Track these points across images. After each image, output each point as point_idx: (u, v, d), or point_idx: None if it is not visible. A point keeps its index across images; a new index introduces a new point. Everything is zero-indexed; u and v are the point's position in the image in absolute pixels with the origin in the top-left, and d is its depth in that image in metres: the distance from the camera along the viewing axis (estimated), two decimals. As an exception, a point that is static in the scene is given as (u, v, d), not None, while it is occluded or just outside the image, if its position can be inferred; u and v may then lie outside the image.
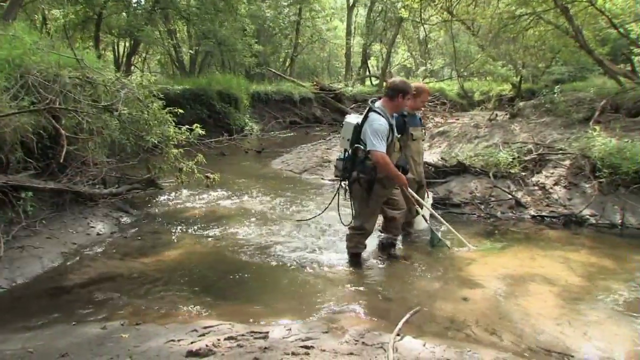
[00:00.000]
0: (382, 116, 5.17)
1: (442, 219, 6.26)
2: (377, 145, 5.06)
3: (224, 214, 7.74)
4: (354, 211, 5.71)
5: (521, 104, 15.24)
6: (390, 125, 5.22)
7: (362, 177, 5.33)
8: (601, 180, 7.67)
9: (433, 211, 6.39)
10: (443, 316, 4.37)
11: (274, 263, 5.70)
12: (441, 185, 8.55)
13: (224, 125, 16.84)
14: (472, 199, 8.04)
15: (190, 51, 22.88)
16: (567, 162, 8.62)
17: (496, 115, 14.14)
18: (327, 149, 13.57)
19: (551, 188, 8.16)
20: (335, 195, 5.92)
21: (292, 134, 18.77)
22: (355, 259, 5.70)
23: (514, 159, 8.76)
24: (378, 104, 5.33)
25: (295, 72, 30.48)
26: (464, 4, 17.21)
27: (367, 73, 32.35)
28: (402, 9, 19.41)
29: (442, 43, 28.23)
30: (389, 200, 5.73)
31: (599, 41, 17.72)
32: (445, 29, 21.98)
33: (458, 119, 14.63)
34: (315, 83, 23.18)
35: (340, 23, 37.35)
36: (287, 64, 30.50)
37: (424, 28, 27.44)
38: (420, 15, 20.36)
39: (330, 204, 6.27)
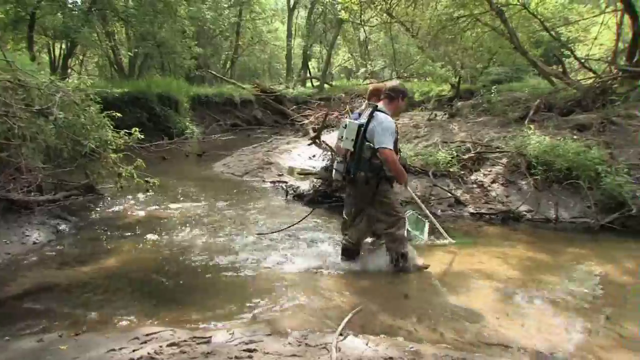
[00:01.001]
0: (389, 116, 5.25)
1: (428, 214, 6.30)
2: (388, 143, 5.10)
3: (164, 219, 7.61)
4: (352, 214, 5.63)
5: (459, 104, 15.61)
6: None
7: (370, 175, 5.28)
8: (536, 177, 7.94)
9: (425, 208, 6.37)
10: (385, 314, 4.42)
11: (216, 267, 5.63)
12: (382, 185, 8.60)
13: (164, 128, 16.54)
14: (412, 198, 8.12)
15: (130, 53, 22.40)
16: (504, 160, 8.89)
17: (435, 115, 14.42)
18: (268, 151, 13.55)
19: (489, 186, 8.39)
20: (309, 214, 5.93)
21: (233, 136, 18.65)
22: (405, 260, 5.46)
23: (452, 158, 8.97)
24: (380, 105, 5.36)
25: (236, 74, 30.29)
26: (403, 6, 17.47)
27: (308, 75, 32.41)
28: (342, 11, 19.55)
29: (383, 44, 28.53)
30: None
31: (533, 43, 18.35)
32: (385, 30, 22.24)
33: (398, 120, 14.78)
34: (256, 85, 23.09)
35: (281, 25, 37.36)
36: (228, 66, 30.29)
37: (364, 30, 27.72)
38: (361, 17, 20.55)
39: (302, 220, 6.57)
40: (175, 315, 4.41)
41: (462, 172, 8.79)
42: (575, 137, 9.01)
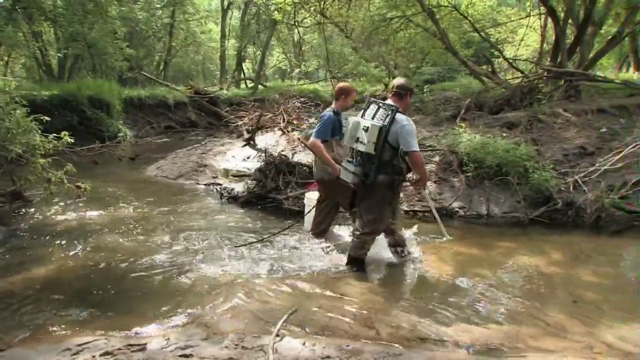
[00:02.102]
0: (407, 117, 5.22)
1: (434, 211, 6.10)
2: (416, 146, 5.09)
3: (97, 225, 7.36)
4: (366, 215, 5.49)
5: (392, 103, 15.75)
6: None
7: (397, 178, 5.28)
8: (468, 174, 8.14)
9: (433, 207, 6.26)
10: (322, 314, 4.43)
11: (151, 272, 5.51)
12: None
13: (96, 132, 16.01)
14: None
15: (59, 54, 21.63)
16: (437, 158, 9.09)
17: (369, 115, 14.52)
18: (203, 153, 13.35)
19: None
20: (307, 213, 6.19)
21: (167, 139, 18.29)
22: (360, 265, 5.58)
23: (385, 156, 9.04)
24: (389, 102, 5.32)
25: (169, 76, 29.76)
26: (336, 7, 17.60)
27: (242, 76, 32.20)
28: (276, 12, 19.52)
29: (317, 45, 28.66)
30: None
31: (464, 44, 18.87)
32: (319, 31, 22.35)
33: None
34: (189, 87, 22.73)
35: (214, 26, 36.92)
36: (161, 67, 29.74)
37: (298, 30, 27.75)
38: (294, 17, 20.58)
39: (290, 226, 6.62)
40: (110, 322, 4.29)
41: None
42: (504, 134, 9.32)
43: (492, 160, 8.02)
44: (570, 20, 15.13)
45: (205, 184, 10.27)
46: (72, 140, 7.57)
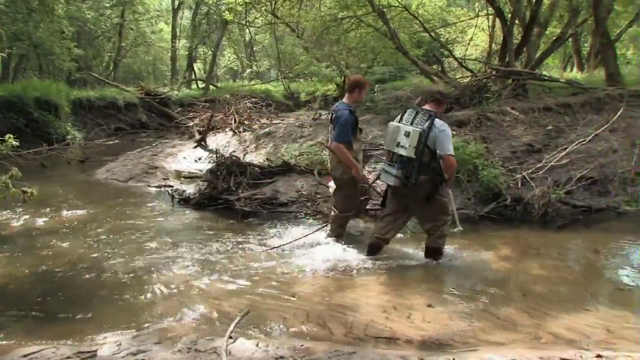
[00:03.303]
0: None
1: (454, 205, 6.09)
2: (452, 150, 5.39)
3: (44, 230, 7.16)
4: (435, 215, 5.73)
5: (344, 103, 15.82)
6: None
7: (437, 178, 5.52)
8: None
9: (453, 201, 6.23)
10: (275, 315, 4.43)
11: (102, 277, 5.38)
12: (268, 185, 8.63)
13: (43, 134, 15.58)
14: (299, 197, 8.22)
15: (2, 54, 20.93)
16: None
17: (320, 114, 14.60)
18: (154, 155, 13.18)
19: (374, 182, 8.57)
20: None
21: (117, 141, 17.95)
22: (439, 253, 5.84)
23: (337, 156, 9.08)
24: (427, 108, 5.56)
25: (119, 77, 29.20)
26: (287, 7, 17.58)
27: (193, 76, 31.83)
28: (227, 12, 19.38)
29: (268, 45, 28.58)
30: None
31: (414, 43, 19.07)
32: (271, 31, 22.31)
33: (283, 120, 14.90)
34: (140, 88, 22.35)
35: (165, 26, 36.40)
36: (111, 68, 29.16)
37: (250, 31, 27.64)
38: (246, 17, 20.48)
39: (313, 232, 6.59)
40: (58, 330, 4.16)
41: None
42: (454, 132, 9.44)
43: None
44: (517, 21, 15.49)
45: (156, 186, 10.13)
46: (18, 143, 7.33)
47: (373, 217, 7.67)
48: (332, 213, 6.49)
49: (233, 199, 8.06)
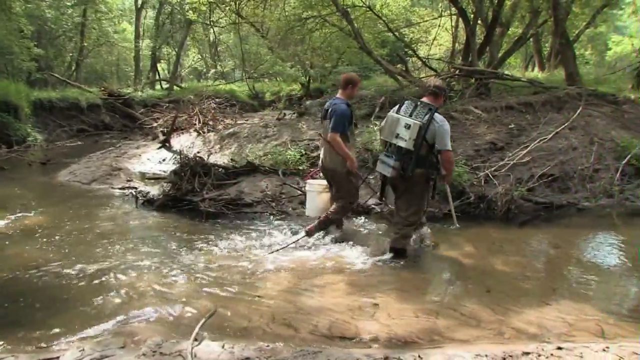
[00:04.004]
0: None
1: (451, 203, 6.30)
2: (450, 145, 5.52)
3: (4, 234, 6.94)
4: (409, 208, 5.85)
5: (308, 102, 15.92)
6: None
7: (432, 172, 5.72)
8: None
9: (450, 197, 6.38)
10: (240, 316, 4.40)
11: (63, 281, 5.26)
12: (232, 186, 8.59)
13: (2, 136, 15.26)
14: (264, 197, 8.20)
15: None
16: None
17: (284, 114, 14.60)
18: (117, 156, 13.00)
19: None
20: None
21: (80, 142, 17.65)
22: (404, 255, 5.89)
23: (301, 156, 9.14)
24: (426, 101, 5.67)
25: (82, 77, 28.64)
26: (252, 7, 17.52)
27: (157, 77, 31.50)
28: (190, 12, 19.23)
29: (232, 45, 28.44)
30: None
31: (379, 43, 19.18)
32: (235, 31, 22.20)
33: (248, 120, 14.84)
34: (103, 88, 22.01)
35: (128, 25, 35.89)
36: (73, 68, 28.63)
37: (214, 30, 27.46)
38: (210, 17, 20.34)
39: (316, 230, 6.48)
40: (20, 337, 4.05)
41: (312, 170, 8.96)
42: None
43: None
44: (479, 21, 15.72)
45: (120, 188, 9.98)
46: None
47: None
48: (335, 205, 6.48)
49: (197, 200, 8.00)
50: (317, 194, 6.85)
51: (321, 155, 6.62)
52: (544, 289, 5.24)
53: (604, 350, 3.34)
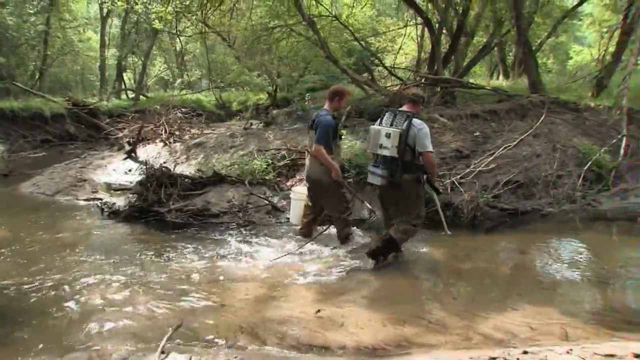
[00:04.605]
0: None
1: (440, 209, 6.47)
2: (430, 147, 5.78)
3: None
4: (411, 211, 5.97)
5: (275, 112, 15.92)
6: None
7: (420, 175, 5.91)
8: (349, 180, 8.29)
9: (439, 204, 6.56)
10: (207, 327, 4.37)
11: (25, 296, 5.13)
12: (199, 196, 8.52)
13: (-39, 147, 14.99)
14: (230, 207, 8.16)
15: None
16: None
17: (251, 124, 14.58)
18: (82, 167, 12.79)
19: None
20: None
21: (44, 153, 17.33)
22: (397, 247, 6.04)
23: (268, 165, 9.13)
24: (404, 109, 5.98)
25: (45, 87, 28.01)
26: (218, 16, 17.46)
27: (123, 86, 31.11)
28: (156, 21, 19.08)
29: (199, 55, 28.28)
30: None
31: (345, 52, 19.25)
32: (201, 40, 22.11)
33: (215, 130, 14.78)
34: (67, 98, 21.65)
35: (94, 34, 35.40)
36: (36, 77, 28.08)
37: (180, 40, 27.29)
38: (176, 27, 20.22)
39: (312, 239, 6.69)
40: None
41: (279, 179, 9.02)
42: (384, 140, 9.60)
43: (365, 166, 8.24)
44: (445, 31, 15.95)
45: (85, 200, 9.83)
46: None
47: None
48: (333, 219, 6.67)
49: (164, 211, 7.92)
50: (300, 202, 7.00)
51: (306, 166, 6.70)
52: (510, 294, 5.29)
53: (567, 352, 3.40)
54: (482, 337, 4.11)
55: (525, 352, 3.50)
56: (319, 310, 4.65)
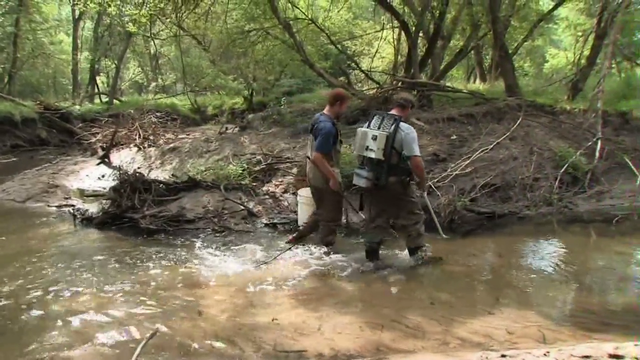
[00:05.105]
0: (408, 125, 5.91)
1: (433, 213, 6.78)
2: (418, 151, 5.79)
3: None
4: (405, 213, 6.10)
5: (250, 116, 15.91)
6: None
7: (404, 178, 5.96)
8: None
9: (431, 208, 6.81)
10: (182, 335, 4.34)
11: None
12: (174, 202, 8.46)
13: None
14: (206, 213, 8.12)
15: None
16: (295, 170, 9.22)
17: (226, 128, 14.54)
18: (54, 173, 12.66)
19: (281, 195, 8.66)
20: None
21: (14, 158, 17.08)
22: (421, 251, 6.17)
23: (244, 170, 9.12)
24: (393, 113, 5.99)
25: (15, 90, 27.57)
26: (193, 19, 17.40)
27: (97, 90, 30.81)
28: (130, 24, 18.94)
29: (174, 58, 28.10)
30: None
31: (322, 56, 19.27)
32: (176, 43, 21.99)
33: (190, 134, 14.72)
34: (39, 102, 21.37)
35: (66, 37, 35.01)
36: (6, 80, 27.68)
37: (154, 43, 27.13)
38: (150, 30, 20.09)
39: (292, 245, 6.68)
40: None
41: (254, 184, 9.01)
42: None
43: (350, 170, 8.22)
44: (421, 34, 16.02)
45: (57, 206, 9.71)
46: None
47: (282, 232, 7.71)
48: (321, 225, 6.63)
49: (138, 217, 7.86)
50: (308, 206, 7.02)
51: (307, 171, 6.71)
52: (487, 298, 5.34)
53: (544, 355, 3.42)
54: (460, 342, 4.12)
55: (503, 356, 3.51)
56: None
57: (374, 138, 5.80)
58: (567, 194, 9.00)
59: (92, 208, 8.94)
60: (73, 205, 9.50)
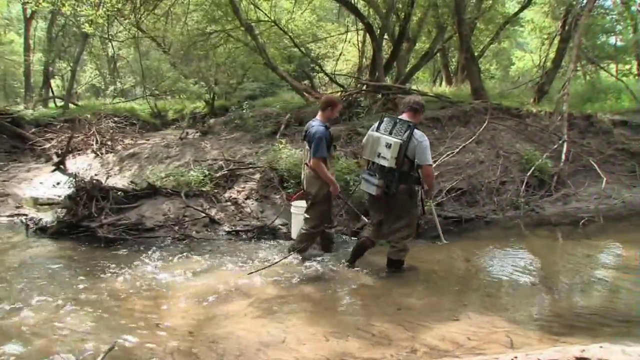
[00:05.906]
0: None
1: (436, 219, 6.96)
2: (430, 160, 5.83)
3: None
4: (400, 223, 6.05)
5: (212, 121, 15.83)
6: None
7: (415, 187, 5.98)
8: (289, 190, 8.30)
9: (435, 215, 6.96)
10: (142, 348, 4.27)
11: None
12: (133, 210, 8.36)
13: None
14: (166, 221, 8.05)
15: None
16: (257, 176, 9.20)
17: (187, 133, 14.46)
18: (5, 181, 12.40)
19: (243, 202, 8.61)
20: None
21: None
22: (400, 266, 6.21)
23: (205, 176, 9.08)
24: (405, 118, 5.91)
25: (-39, 93, 27.18)
26: (152, 20, 17.24)
27: (51, 94, 30.28)
28: (86, 24, 18.67)
29: (133, 61, 27.78)
30: None
31: (285, 59, 19.28)
32: (135, 45, 21.75)
33: (149, 140, 14.59)
34: (-13, 107, 20.97)
35: (17, 37, 34.36)
36: (-48, 83, 27.12)
37: (112, 45, 26.79)
38: (108, 31, 19.84)
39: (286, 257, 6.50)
40: None
41: (216, 191, 8.95)
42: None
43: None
44: (386, 36, 16.15)
45: (7, 216, 9.51)
46: None
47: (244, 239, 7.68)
48: (302, 229, 6.62)
49: (95, 226, 7.76)
50: (301, 217, 6.90)
51: (303, 178, 6.73)
52: (455, 303, 5.37)
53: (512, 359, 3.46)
54: (427, 349, 4.13)
55: (471, 363, 3.55)
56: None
57: (388, 146, 5.73)
58: (533, 198, 9.17)
59: (47, 217, 8.79)
60: (25, 215, 9.33)
